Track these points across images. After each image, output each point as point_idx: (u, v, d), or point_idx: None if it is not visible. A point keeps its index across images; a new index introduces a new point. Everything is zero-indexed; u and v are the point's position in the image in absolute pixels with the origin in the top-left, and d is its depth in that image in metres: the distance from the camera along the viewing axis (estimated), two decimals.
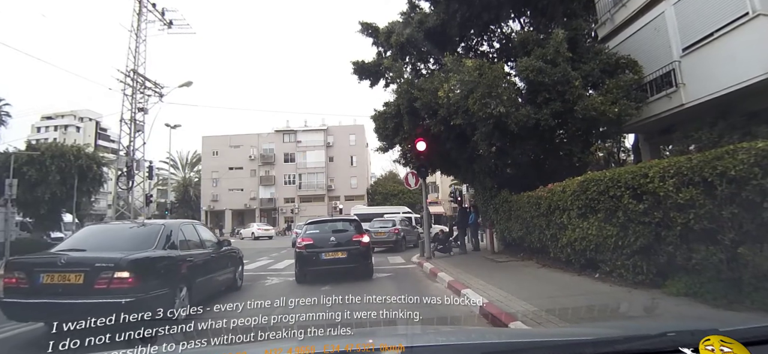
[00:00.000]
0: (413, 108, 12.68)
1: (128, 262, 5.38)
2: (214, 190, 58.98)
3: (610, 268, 7.63)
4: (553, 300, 6.61)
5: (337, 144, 59.49)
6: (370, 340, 2.34)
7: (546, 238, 9.58)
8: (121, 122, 21.63)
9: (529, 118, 10.15)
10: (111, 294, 5.13)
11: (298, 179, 58.72)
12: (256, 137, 59.61)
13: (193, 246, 7.18)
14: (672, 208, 6.02)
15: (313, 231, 10.38)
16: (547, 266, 9.81)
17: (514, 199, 11.52)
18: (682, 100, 13.47)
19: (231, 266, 8.58)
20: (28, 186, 25.79)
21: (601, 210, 7.51)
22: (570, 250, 8.63)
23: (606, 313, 5.23)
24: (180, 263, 6.52)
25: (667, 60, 13.94)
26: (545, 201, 9.41)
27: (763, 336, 1.83)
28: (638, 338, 1.96)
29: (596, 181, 7.60)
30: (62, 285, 5.21)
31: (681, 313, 5.40)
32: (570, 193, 8.35)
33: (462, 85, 10.29)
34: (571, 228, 8.40)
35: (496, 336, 3.30)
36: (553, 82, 10.34)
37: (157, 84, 22.69)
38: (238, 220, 57.68)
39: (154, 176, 56.66)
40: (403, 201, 55.91)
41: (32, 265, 5.59)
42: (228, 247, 8.73)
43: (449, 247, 14.79)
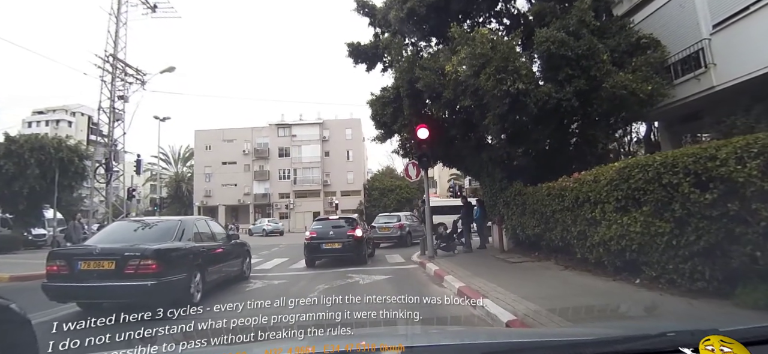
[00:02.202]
0: (414, 90, 11.28)
1: (152, 251, 6.34)
2: (207, 185, 57.55)
3: (656, 272, 6.29)
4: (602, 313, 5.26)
5: (333, 138, 58.10)
6: (370, 340, 2.30)
7: (571, 235, 8.22)
8: (99, 111, 20.13)
9: (549, 98, 8.78)
10: (138, 278, 6.10)
11: (294, 174, 57.33)
12: (250, 131, 58.12)
13: (205, 239, 8.14)
14: (755, 198, 4.69)
15: (317, 227, 12.72)
16: (571, 268, 8.48)
17: (529, 192, 10.14)
18: (713, 82, 12.18)
19: (239, 257, 9.41)
20: (5, 180, 24.42)
21: (648, 202, 6.15)
22: (602, 249, 7.28)
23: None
24: (194, 253, 7.40)
25: (694, 38, 12.65)
26: (571, 193, 8.04)
27: (763, 336, 1.79)
28: (638, 338, 1.94)
29: (642, 167, 6.23)
30: (97, 271, 6.14)
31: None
32: (605, 183, 6.98)
33: (472, 59, 8.89)
34: (605, 224, 7.04)
35: (496, 336, 3.23)
36: (576, 56, 8.97)
37: (139, 71, 21.20)
38: (232, 215, 56.29)
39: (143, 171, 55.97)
40: (400, 196, 55.20)
41: (71, 255, 6.67)
42: (237, 241, 9.74)
43: (453, 245, 13.44)
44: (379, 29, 14.33)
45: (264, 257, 15.65)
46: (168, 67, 21.08)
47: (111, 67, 20.23)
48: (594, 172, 7.58)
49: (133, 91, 20.93)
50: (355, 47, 14.42)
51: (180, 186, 61.35)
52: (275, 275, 10.92)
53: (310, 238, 12.14)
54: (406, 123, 12.63)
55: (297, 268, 12.45)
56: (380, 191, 55.72)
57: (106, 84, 20.15)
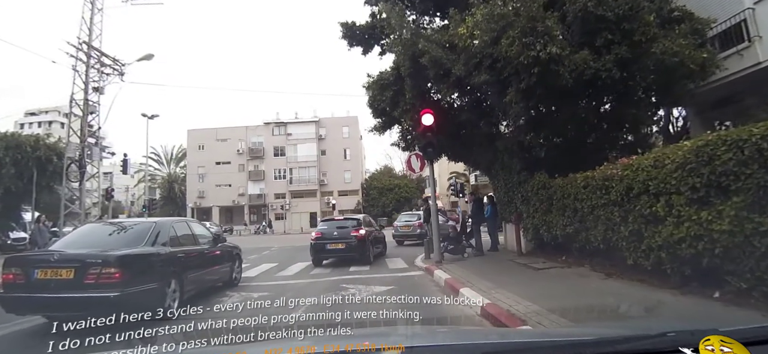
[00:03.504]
0: (418, 68, 9.65)
1: (115, 258, 5.69)
2: (201, 185, 55.94)
3: (749, 283, 4.70)
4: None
5: (330, 136, 56.55)
6: (370, 340, 2.25)
7: (619, 236, 6.58)
8: (71, 103, 18.35)
9: (586, 66, 7.17)
10: (100, 288, 5.45)
11: (289, 174, 55.77)
12: (244, 130, 56.54)
13: (185, 242, 7.43)
14: None
15: (323, 227, 12.90)
16: (616, 276, 6.88)
17: (557, 185, 8.49)
18: (759, 58, 10.67)
19: (227, 262, 8.73)
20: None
21: (741, 190, 4.55)
22: (665, 254, 5.67)
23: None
24: (169, 259, 6.72)
25: (735, 9, 11.15)
26: (620, 183, 6.38)
27: (763, 336, 1.76)
28: (638, 338, 1.92)
29: (733, 143, 4.61)
30: (55, 280, 5.53)
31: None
32: (674, 168, 5.35)
33: (491, 22, 7.27)
34: (672, 221, 5.41)
35: (496, 336, 3.22)
36: (616, 17, 7.36)
37: (117, 60, 19.48)
38: (227, 216, 54.76)
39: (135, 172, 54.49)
40: (399, 196, 53.80)
41: (28, 262, 6.07)
42: (224, 244, 8.99)
43: (462, 248, 11.79)
44: (376, 7, 12.74)
45: (252, 262, 14.06)
46: (146, 55, 19.40)
47: (85, 55, 18.55)
48: (653, 155, 5.96)
49: (110, 82, 19.27)
50: (349, 27, 12.84)
51: (173, 187, 59.87)
52: (258, 285, 9.36)
53: (316, 239, 12.29)
54: (408, 108, 11.02)
55: (285, 275, 10.91)
56: (378, 191, 54.61)
57: (79, 74, 18.49)
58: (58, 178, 24.71)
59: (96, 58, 19.09)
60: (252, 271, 11.72)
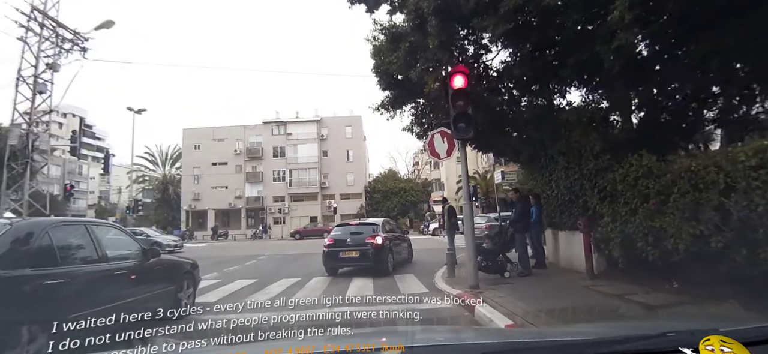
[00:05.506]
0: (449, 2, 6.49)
1: None
2: (196, 187, 53.15)
3: None
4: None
5: (332, 137, 53.69)
6: (370, 340, 2.28)
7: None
8: (18, 80, 15.32)
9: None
10: None
11: (289, 176, 52.94)
12: (242, 129, 53.86)
13: (72, 258, 4.88)
14: None
15: (337, 233, 11.84)
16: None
17: (681, 167, 5.23)
18: None
19: (163, 285, 6.20)
20: None
21: None
22: None
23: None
24: (21, 289, 4.23)
25: None
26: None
27: (763, 336, 1.71)
28: (638, 338, 1.88)
29: None
30: None
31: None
32: None
33: None
34: None
35: (495, 336, 3.16)
36: None
37: (78, 33, 16.34)
38: (223, 220, 51.83)
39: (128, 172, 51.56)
40: (404, 200, 50.73)
41: None
42: (164, 259, 6.74)
43: (501, 265, 8.55)
44: None
45: (225, 277, 10.92)
46: (105, 22, 16.20)
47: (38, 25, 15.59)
48: None
49: (70, 59, 16.25)
50: None
51: (167, 189, 57.18)
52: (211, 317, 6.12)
53: (329, 246, 11.39)
54: (430, 67, 7.84)
55: (257, 300, 7.60)
56: (382, 194, 51.79)
57: (30, 47, 15.53)
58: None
59: (51, 30, 16.12)
60: (214, 293, 8.65)
